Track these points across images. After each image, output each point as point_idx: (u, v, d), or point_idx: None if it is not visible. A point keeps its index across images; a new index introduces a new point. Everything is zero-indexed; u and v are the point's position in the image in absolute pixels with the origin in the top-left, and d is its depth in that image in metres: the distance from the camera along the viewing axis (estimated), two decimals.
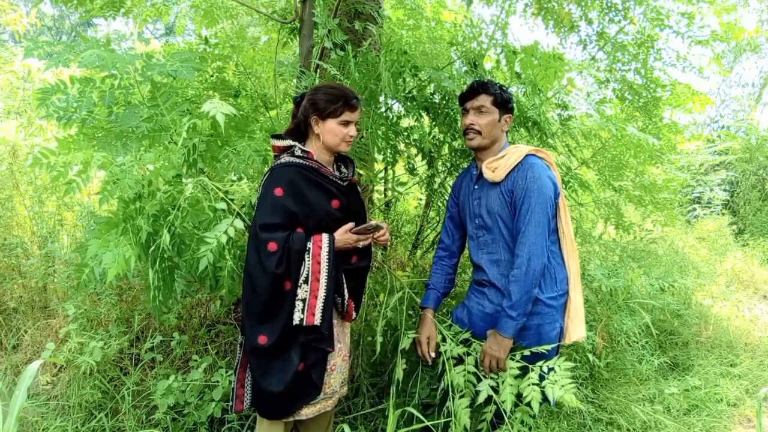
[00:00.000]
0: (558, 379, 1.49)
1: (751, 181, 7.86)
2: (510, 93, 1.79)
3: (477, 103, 1.75)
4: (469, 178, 1.88)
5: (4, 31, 9.54)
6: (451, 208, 1.96)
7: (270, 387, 1.58)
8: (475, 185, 1.82)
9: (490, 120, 1.74)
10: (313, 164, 1.63)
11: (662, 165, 3.06)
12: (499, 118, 1.76)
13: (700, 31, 2.75)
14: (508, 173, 1.70)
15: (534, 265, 1.62)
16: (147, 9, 3.22)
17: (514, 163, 1.69)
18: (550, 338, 1.72)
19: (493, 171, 1.72)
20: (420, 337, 1.82)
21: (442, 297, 1.94)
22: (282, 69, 2.47)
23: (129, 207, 1.56)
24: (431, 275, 1.98)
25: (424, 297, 1.94)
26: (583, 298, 1.79)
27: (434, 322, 1.86)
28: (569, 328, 1.74)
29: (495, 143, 1.79)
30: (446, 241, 1.98)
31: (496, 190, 1.73)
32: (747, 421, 2.74)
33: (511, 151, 1.74)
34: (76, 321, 2.45)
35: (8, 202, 3.22)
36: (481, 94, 1.75)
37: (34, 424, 2.21)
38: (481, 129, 1.74)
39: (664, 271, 3.76)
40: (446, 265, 1.97)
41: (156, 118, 1.65)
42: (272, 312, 1.56)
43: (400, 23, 3.01)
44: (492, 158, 1.75)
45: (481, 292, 1.84)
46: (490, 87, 1.75)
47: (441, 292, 1.94)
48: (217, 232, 1.53)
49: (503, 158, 1.73)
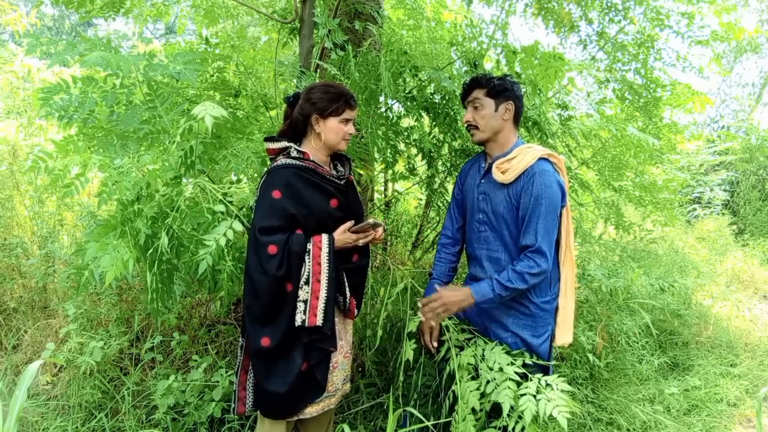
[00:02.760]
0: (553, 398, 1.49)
1: (751, 181, 7.86)
2: (509, 81, 1.74)
3: (471, 98, 1.76)
4: (477, 170, 1.86)
5: (4, 31, 9.54)
6: (457, 194, 1.95)
7: (274, 388, 1.58)
8: (482, 179, 1.81)
9: (485, 113, 1.73)
10: (310, 165, 1.63)
11: (662, 165, 3.06)
12: (496, 108, 1.73)
13: (700, 31, 2.76)
14: (518, 176, 1.68)
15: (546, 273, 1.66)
16: (147, 9, 3.22)
17: (525, 167, 1.66)
18: (543, 339, 1.76)
19: (503, 173, 1.69)
20: (423, 327, 1.84)
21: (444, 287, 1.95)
22: (282, 69, 2.47)
23: (127, 209, 1.56)
24: (434, 264, 1.99)
25: (427, 287, 1.95)
26: (574, 306, 1.80)
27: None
28: (556, 333, 1.79)
29: (498, 134, 1.75)
30: (450, 227, 1.97)
31: (504, 192, 1.71)
32: (747, 421, 2.74)
33: (523, 152, 1.70)
34: (76, 321, 2.45)
35: (8, 202, 3.22)
36: (474, 89, 1.76)
37: (34, 424, 2.21)
38: (478, 123, 1.74)
39: (664, 271, 3.76)
40: (449, 253, 1.97)
41: (154, 120, 1.65)
42: (274, 314, 1.56)
43: (401, 23, 3.01)
44: (503, 158, 1.72)
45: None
46: (482, 80, 1.74)
47: (444, 281, 1.95)
48: (216, 235, 1.52)
49: (514, 159, 1.69)
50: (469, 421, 1.56)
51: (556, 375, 1.59)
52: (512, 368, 1.59)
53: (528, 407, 1.47)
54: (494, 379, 1.59)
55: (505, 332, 1.75)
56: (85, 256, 1.54)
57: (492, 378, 1.60)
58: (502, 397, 1.52)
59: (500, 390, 1.55)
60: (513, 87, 1.74)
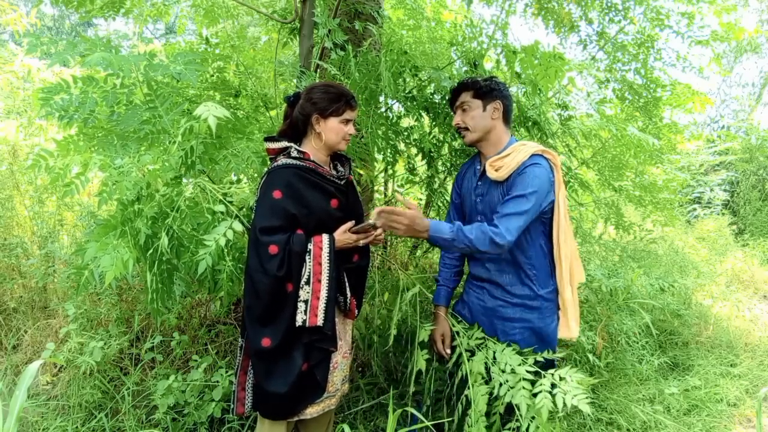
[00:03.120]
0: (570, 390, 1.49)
1: (751, 181, 7.87)
2: (495, 81, 1.75)
3: (459, 101, 1.78)
4: (472, 173, 1.86)
5: (4, 31, 9.54)
6: (455, 199, 1.95)
7: (274, 389, 1.58)
8: (479, 181, 1.81)
9: (473, 114, 1.74)
10: (310, 165, 1.63)
11: (662, 165, 3.06)
12: (484, 108, 1.74)
13: (700, 31, 2.76)
14: (512, 173, 1.68)
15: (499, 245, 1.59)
16: (147, 9, 3.22)
17: (519, 163, 1.66)
18: (551, 329, 1.76)
19: (496, 170, 1.70)
20: (435, 335, 1.86)
21: (452, 292, 1.96)
22: (282, 69, 2.47)
23: (127, 209, 1.56)
24: (440, 269, 1.99)
25: (435, 294, 1.95)
26: (577, 300, 1.80)
27: (447, 319, 1.88)
28: (560, 325, 1.79)
29: (489, 133, 1.76)
30: None
31: (499, 190, 1.72)
32: (747, 421, 2.74)
33: (516, 149, 1.70)
34: (76, 321, 2.45)
35: (8, 202, 3.22)
36: (461, 92, 1.77)
37: (34, 424, 2.21)
38: (467, 125, 1.75)
39: (664, 271, 3.76)
40: (452, 257, 1.97)
41: (154, 120, 1.65)
42: (275, 314, 1.56)
43: (401, 23, 3.01)
44: (496, 156, 1.72)
45: (480, 287, 1.85)
46: (468, 83, 1.76)
47: (450, 287, 1.95)
48: (216, 235, 1.52)
49: (508, 156, 1.70)
50: (481, 422, 1.57)
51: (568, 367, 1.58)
52: (524, 367, 1.59)
53: (544, 404, 1.47)
54: (507, 382, 1.59)
55: (512, 325, 1.75)
56: (85, 256, 1.53)
57: (504, 380, 1.60)
58: (518, 398, 1.53)
59: (515, 392, 1.55)
60: (499, 86, 1.75)
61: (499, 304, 1.77)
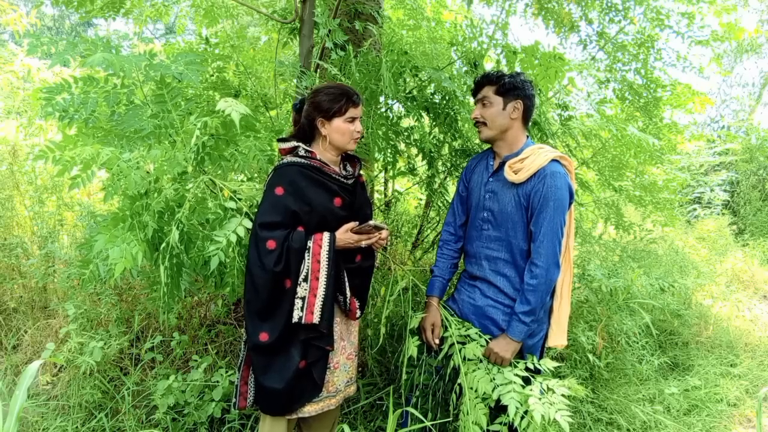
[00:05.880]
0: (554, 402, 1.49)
1: (751, 181, 7.87)
2: (521, 80, 1.72)
3: (481, 95, 1.76)
4: (484, 167, 1.85)
5: (4, 31, 9.54)
6: (462, 191, 1.94)
7: (271, 384, 1.58)
8: (490, 177, 1.80)
9: (493, 110, 1.72)
10: (315, 163, 1.64)
11: (662, 165, 3.06)
12: (504, 106, 1.72)
13: (700, 31, 2.76)
14: (530, 177, 1.67)
15: (551, 276, 1.65)
16: (147, 9, 3.22)
17: (538, 167, 1.66)
18: (536, 339, 1.78)
19: (515, 173, 1.68)
20: (425, 324, 1.85)
21: (446, 284, 1.95)
22: (282, 69, 2.47)
23: (135, 203, 1.56)
24: (436, 260, 1.98)
25: (429, 285, 1.95)
26: (569, 309, 1.81)
27: (439, 309, 1.88)
28: (549, 335, 1.80)
29: (506, 133, 1.74)
30: (452, 224, 1.97)
31: (513, 191, 1.71)
32: (747, 421, 2.74)
33: (535, 152, 1.69)
34: (76, 321, 2.45)
35: (8, 202, 3.22)
36: (484, 86, 1.75)
37: (34, 424, 2.21)
38: (486, 120, 1.74)
39: (664, 271, 3.76)
40: (451, 249, 1.96)
41: (162, 115, 1.65)
42: (273, 309, 1.57)
43: (401, 23, 3.01)
44: (515, 158, 1.71)
45: (472, 285, 1.85)
46: (493, 77, 1.73)
47: (446, 279, 1.95)
48: (227, 231, 1.53)
49: (527, 159, 1.69)
50: (479, 409, 1.56)
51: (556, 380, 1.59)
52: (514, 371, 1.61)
53: (537, 409, 1.48)
54: (494, 380, 1.60)
55: (498, 330, 1.75)
56: (93, 249, 1.52)
57: (491, 378, 1.60)
58: (507, 399, 1.53)
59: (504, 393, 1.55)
60: (523, 86, 1.72)
61: (489, 304, 1.77)
